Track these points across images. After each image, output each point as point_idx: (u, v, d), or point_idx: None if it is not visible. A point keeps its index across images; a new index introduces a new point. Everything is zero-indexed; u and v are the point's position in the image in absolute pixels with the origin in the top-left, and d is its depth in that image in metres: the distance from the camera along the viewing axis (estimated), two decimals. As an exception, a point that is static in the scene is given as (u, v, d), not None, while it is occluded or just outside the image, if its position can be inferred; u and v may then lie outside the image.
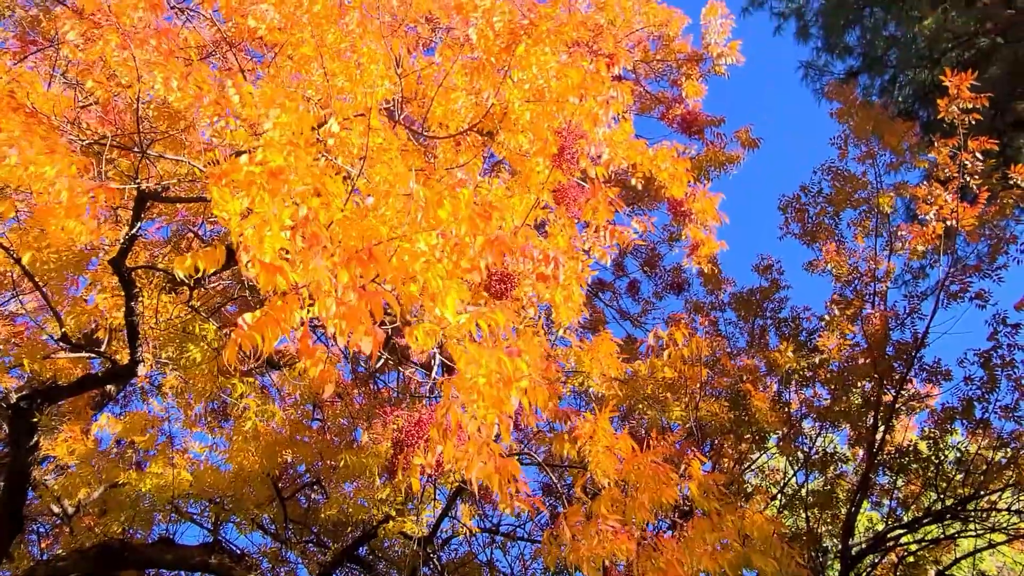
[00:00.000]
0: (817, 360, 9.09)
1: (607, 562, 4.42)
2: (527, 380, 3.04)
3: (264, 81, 4.33)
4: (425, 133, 5.68)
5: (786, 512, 10.61)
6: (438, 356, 3.51)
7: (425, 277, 3.11)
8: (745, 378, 8.27)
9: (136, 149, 4.49)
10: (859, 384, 9.47)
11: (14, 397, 5.79)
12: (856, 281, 9.74)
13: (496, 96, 4.87)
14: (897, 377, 9.23)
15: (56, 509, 7.63)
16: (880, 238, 9.91)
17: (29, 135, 3.30)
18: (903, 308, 9.58)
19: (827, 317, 9.25)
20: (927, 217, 8.14)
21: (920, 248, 8.69)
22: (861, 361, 9.17)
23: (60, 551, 8.04)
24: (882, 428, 9.44)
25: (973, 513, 9.60)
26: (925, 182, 8.51)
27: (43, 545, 9.83)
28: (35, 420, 5.87)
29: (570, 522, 4.60)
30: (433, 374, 3.53)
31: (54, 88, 5.79)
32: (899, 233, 9.27)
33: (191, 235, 9.79)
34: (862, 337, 9.24)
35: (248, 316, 2.42)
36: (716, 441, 8.49)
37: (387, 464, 4.92)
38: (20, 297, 8.94)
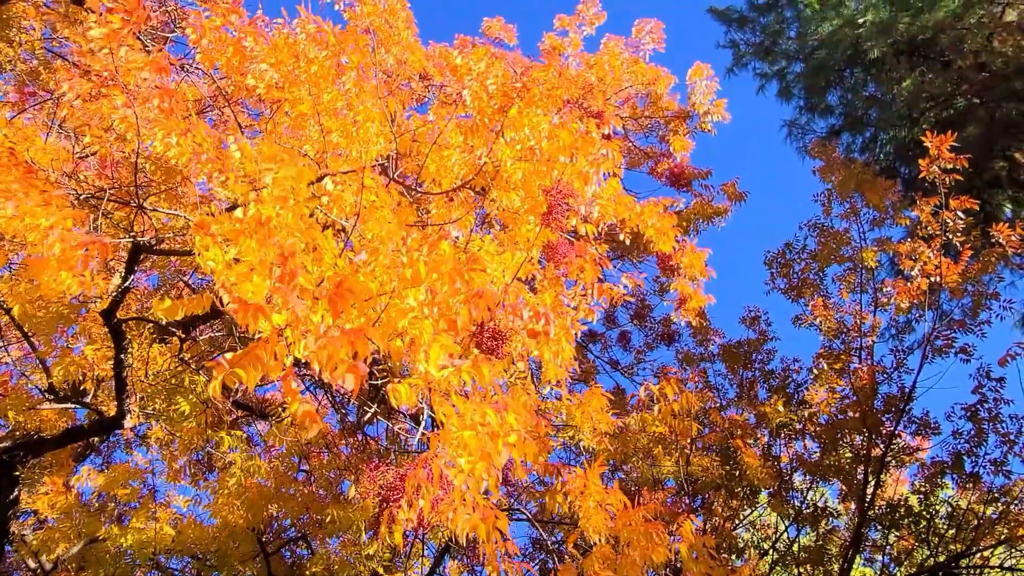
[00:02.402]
0: (807, 414, 9.10)
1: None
2: (515, 435, 3.05)
3: (262, 138, 4.43)
4: (419, 189, 5.79)
5: (779, 568, 10.47)
6: (426, 409, 3.51)
7: (412, 333, 3.15)
8: (735, 433, 8.26)
9: (133, 203, 4.55)
10: (849, 438, 9.48)
11: (-3, 450, 5.72)
12: (843, 335, 9.83)
13: (489, 154, 4.99)
14: (886, 430, 9.25)
15: (33, 564, 7.45)
16: (865, 294, 10.05)
17: (26, 187, 3.36)
18: (890, 362, 9.65)
19: (815, 371, 9.30)
20: (912, 273, 8.28)
21: (905, 304, 8.81)
22: (850, 414, 9.19)
23: (35, 609, 7.81)
24: (872, 482, 9.41)
25: (966, 570, 9.50)
26: (908, 238, 8.69)
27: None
28: (17, 473, 5.79)
29: (562, 582, 4.55)
30: (421, 427, 3.52)
31: (52, 139, 5.89)
32: (884, 288, 9.40)
33: (181, 283, 9.80)
34: (850, 391, 9.28)
35: (229, 355, 2.45)
36: (707, 497, 8.43)
37: (372, 519, 4.85)
38: (6, 346, 8.89)
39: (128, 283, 4.90)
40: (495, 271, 4.82)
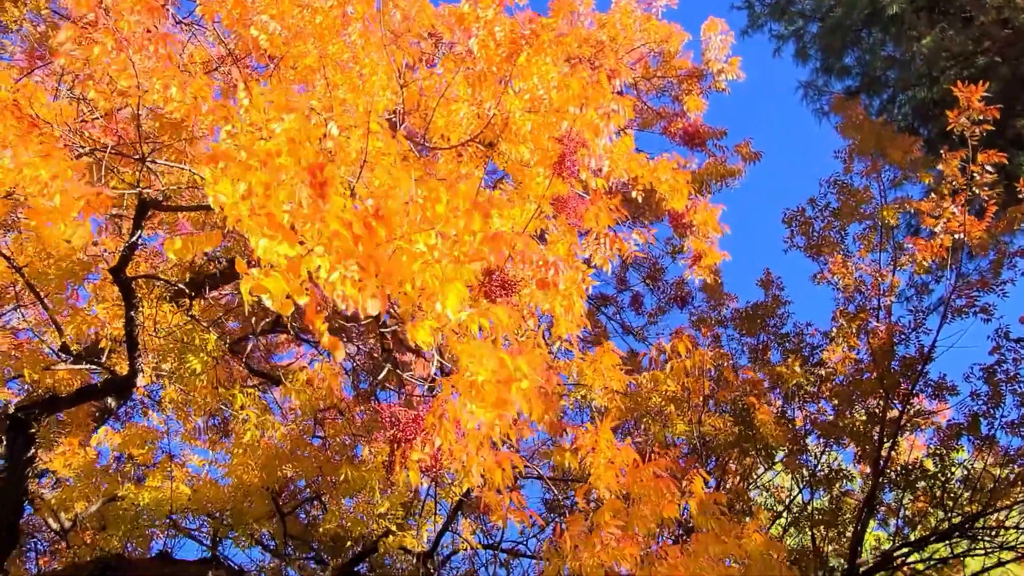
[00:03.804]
0: (823, 373, 9.01)
1: (609, 570, 4.36)
2: (528, 382, 3.00)
3: (270, 87, 4.35)
4: (427, 144, 5.70)
5: (792, 530, 10.47)
6: (436, 358, 3.48)
7: (423, 278, 3.10)
8: (749, 391, 8.20)
9: (136, 156, 4.50)
10: (865, 400, 9.39)
11: (12, 408, 5.76)
12: (861, 295, 9.69)
13: (497, 106, 4.89)
14: (903, 392, 9.16)
15: (53, 523, 7.56)
16: (885, 252, 9.89)
17: (25, 139, 3.31)
18: (908, 322, 9.53)
19: (833, 329, 9.18)
20: (934, 230, 8.12)
21: (926, 261, 8.65)
22: (867, 375, 9.10)
23: (58, 567, 7.96)
24: (888, 444, 9.34)
25: (981, 531, 9.46)
26: (930, 195, 8.51)
27: (41, 562, 9.73)
28: (32, 432, 5.84)
29: (572, 531, 4.55)
30: (433, 368, 3.48)
31: (60, 102, 5.83)
32: (905, 246, 9.24)
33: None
34: (867, 351, 9.18)
35: (255, 270, 2.43)
36: (720, 458, 8.40)
37: (384, 461, 4.86)
38: (22, 310, 8.95)
39: (136, 239, 4.87)
40: (504, 226, 4.75)
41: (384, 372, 7.81)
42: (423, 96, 5.68)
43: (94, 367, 6.26)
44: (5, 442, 6.14)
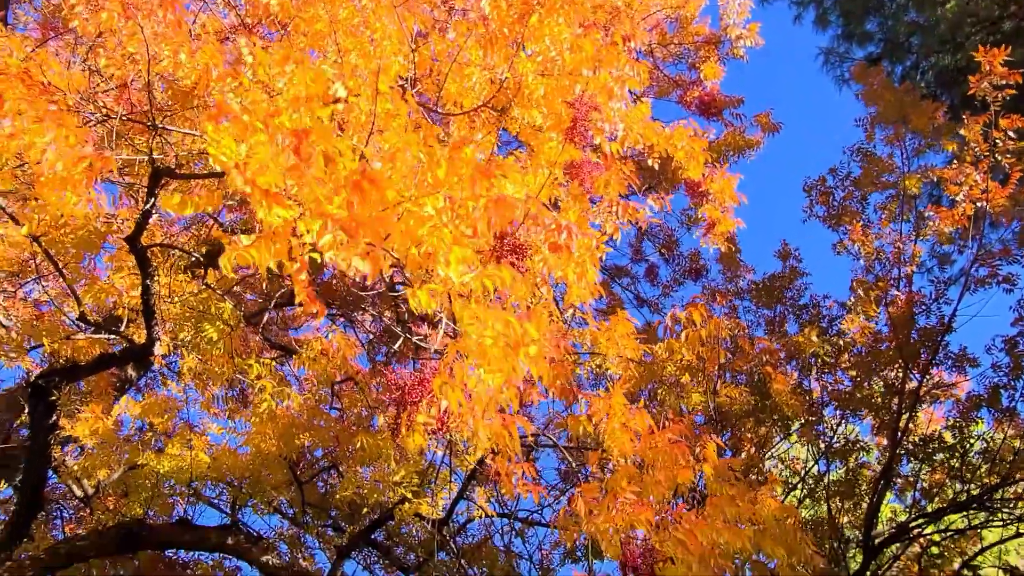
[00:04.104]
0: (841, 343, 8.92)
1: (624, 535, 4.37)
2: (536, 347, 2.98)
3: (276, 43, 4.31)
4: (438, 110, 5.64)
5: (807, 501, 10.47)
6: (445, 322, 3.46)
7: (430, 242, 3.07)
8: (766, 360, 8.14)
9: (147, 123, 4.50)
10: (883, 371, 9.31)
11: (33, 375, 5.86)
12: (881, 265, 9.56)
13: (510, 70, 4.82)
14: (922, 363, 9.06)
15: (76, 490, 7.72)
16: (906, 223, 9.73)
17: (34, 105, 3.29)
18: (929, 293, 9.41)
19: (852, 298, 9.08)
20: (957, 198, 7.97)
21: (948, 230, 8.50)
22: (885, 346, 9.01)
23: (82, 533, 8.13)
24: (906, 416, 9.27)
25: (999, 503, 9.40)
26: (954, 163, 8.34)
27: (67, 529, 9.95)
28: (53, 399, 5.93)
29: (586, 497, 4.56)
30: (440, 335, 3.47)
31: (72, 71, 5.83)
32: (926, 215, 9.08)
33: (211, 221, 9.86)
34: (887, 321, 9.08)
35: (243, 236, 2.41)
36: (735, 428, 8.37)
37: (390, 424, 4.89)
38: (43, 282, 9.06)
39: (150, 207, 4.88)
40: (518, 192, 4.70)
41: (399, 342, 7.85)
42: (436, 62, 5.61)
43: (112, 336, 6.33)
44: (27, 409, 6.26)
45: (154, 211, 5.35)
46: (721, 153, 10.22)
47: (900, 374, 9.18)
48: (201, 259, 6.25)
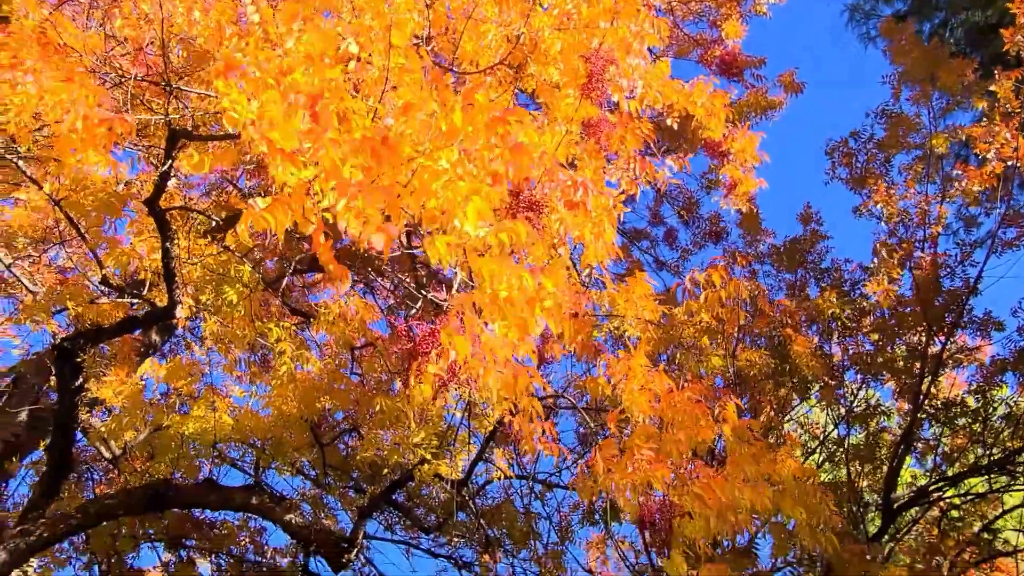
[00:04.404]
0: (864, 306, 8.81)
1: (642, 492, 4.38)
2: (552, 300, 2.97)
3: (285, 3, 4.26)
4: (454, 70, 5.57)
5: (827, 465, 10.46)
6: (459, 275, 3.44)
7: (445, 195, 3.05)
8: (786, 322, 8.07)
9: (163, 84, 4.48)
10: (906, 334, 9.20)
11: (59, 338, 5.96)
12: (905, 227, 9.40)
13: (526, 25, 4.73)
14: (947, 327, 8.95)
15: (104, 451, 7.89)
16: (932, 184, 9.53)
17: (48, 64, 3.29)
18: (954, 256, 9.25)
19: (875, 261, 8.94)
20: (985, 157, 7.78)
21: (976, 189, 8.30)
22: (909, 310, 8.89)
23: (111, 492, 8.34)
24: (929, 380, 9.18)
25: (1021, 467, 9.33)
26: (983, 121, 8.12)
27: (97, 491, 10.21)
28: (79, 361, 6.04)
29: (604, 455, 4.58)
30: (455, 289, 3.46)
31: (89, 33, 5.82)
32: (953, 175, 8.88)
33: (230, 187, 9.90)
34: (911, 284, 8.95)
35: (259, 200, 2.40)
36: (755, 391, 8.33)
37: (400, 373, 4.92)
38: (67, 248, 9.18)
39: (167, 168, 4.89)
40: (534, 152, 4.64)
41: (417, 306, 7.87)
42: (451, 19, 5.52)
43: (135, 300, 6.41)
44: (55, 371, 6.38)
45: (172, 174, 5.37)
46: (743, 114, 10.03)
47: (923, 338, 9.07)
48: (220, 223, 6.28)
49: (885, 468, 9.85)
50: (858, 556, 6.71)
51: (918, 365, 9.10)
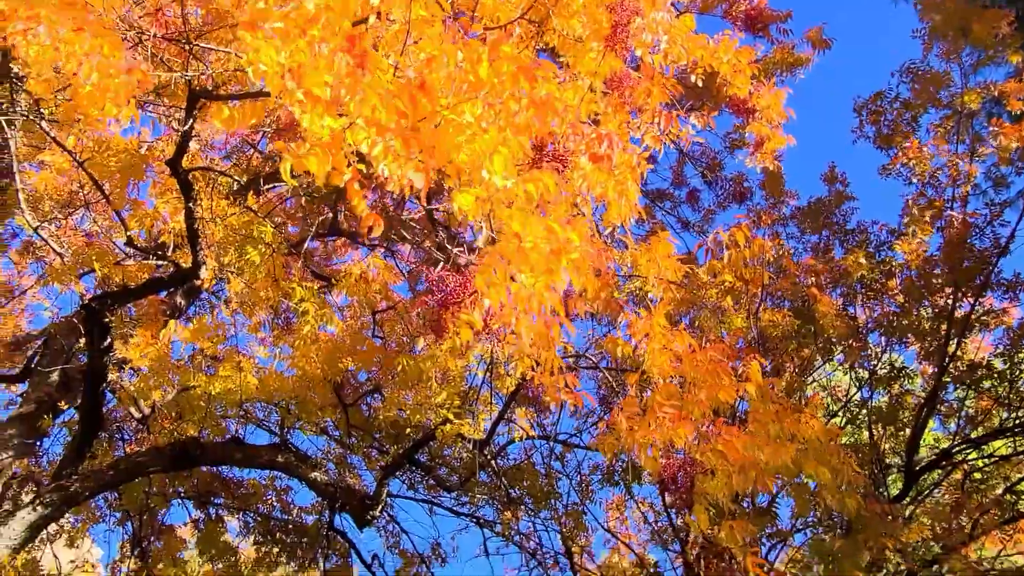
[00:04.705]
0: (891, 267, 8.67)
1: (663, 449, 4.40)
2: (578, 252, 2.95)
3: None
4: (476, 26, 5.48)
5: (848, 428, 10.42)
6: (485, 230, 3.43)
7: (470, 148, 3.02)
8: (811, 281, 7.97)
9: (183, 42, 4.46)
10: (933, 295, 9.08)
11: (87, 298, 6.05)
12: (933, 188, 9.20)
13: (548, -23, 4.63)
14: (975, 288, 8.81)
15: (134, 411, 8.05)
16: (962, 144, 9.30)
17: (62, 15, 3.26)
18: (984, 216, 9.05)
19: (905, 219, 8.78)
20: (1020, 113, 7.57)
21: (1011, 145, 8.08)
22: (938, 269, 8.76)
23: (141, 450, 8.54)
24: (955, 342, 9.08)
25: (1048, 428, 9.25)
26: (1015, 77, 7.88)
27: (127, 449, 10.47)
28: (107, 321, 6.13)
29: (626, 413, 4.59)
30: (483, 241, 3.45)
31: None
32: (986, 129, 8.65)
33: (251, 150, 9.91)
34: (939, 245, 8.79)
35: (297, 145, 2.40)
36: (777, 352, 8.28)
37: (433, 323, 4.94)
38: (91, 212, 9.27)
39: (189, 128, 4.90)
40: (558, 106, 4.57)
41: (439, 267, 7.87)
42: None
43: (160, 261, 6.47)
44: (84, 331, 6.49)
45: (193, 135, 5.38)
46: (768, 71, 9.81)
47: (951, 300, 8.95)
48: (242, 184, 6.30)
49: (908, 431, 9.81)
50: (880, 516, 6.72)
51: (944, 327, 8.99)
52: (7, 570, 6.32)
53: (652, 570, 10.85)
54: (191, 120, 4.88)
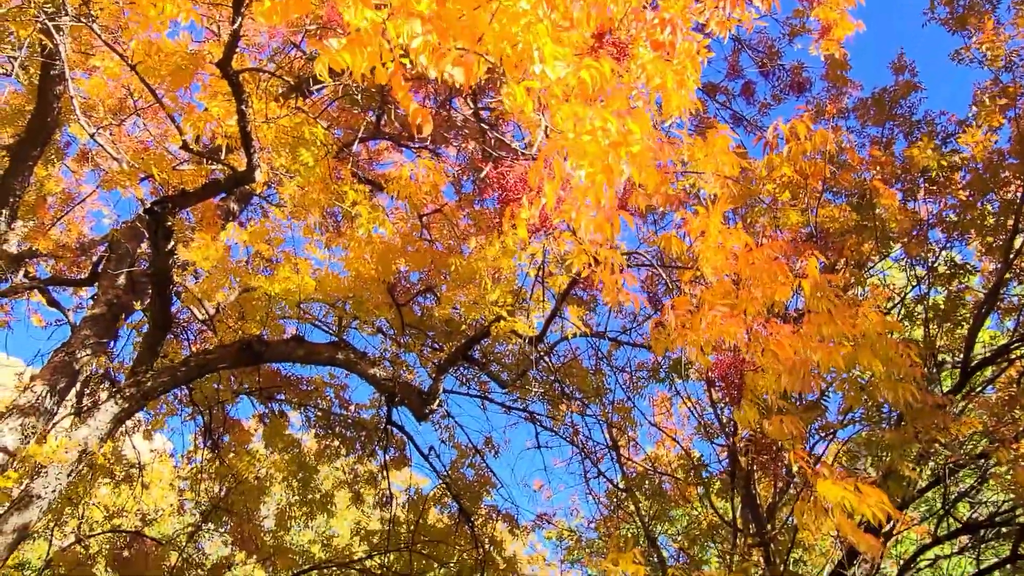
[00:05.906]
0: (956, 160, 8.28)
1: (715, 350, 4.41)
2: (639, 145, 2.88)
3: None
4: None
5: (904, 324, 10.28)
6: (542, 121, 3.36)
7: (525, 38, 2.92)
8: (874, 173, 7.66)
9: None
10: (1000, 189, 8.69)
11: (148, 203, 6.20)
12: (1010, 73, 8.62)
13: None
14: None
15: (198, 312, 8.39)
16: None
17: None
18: (1063, 103, 8.48)
19: (974, 109, 8.30)
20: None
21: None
22: (1009, 160, 8.34)
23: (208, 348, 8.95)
24: (1021, 237, 8.74)
25: (1115, 325, 8.97)
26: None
27: (194, 348, 10.99)
28: (169, 224, 6.30)
29: (678, 311, 4.59)
30: (539, 141, 3.40)
31: None
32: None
33: (295, 50, 9.78)
34: (1011, 136, 8.32)
35: (334, 40, 2.37)
36: (834, 247, 8.08)
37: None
38: (143, 118, 9.35)
39: (237, 27, 4.83)
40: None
41: (485, 171, 7.81)
42: None
43: (215, 165, 6.55)
44: (147, 234, 6.69)
45: (241, 33, 5.30)
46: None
47: (1019, 193, 8.55)
48: (290, 81, 6.24)
49: (964, 328, 9.63)
50: (931, 409, 6.69)
51: (1011, 222, 8.64)
52: (96, 455, 6.83)
53: (697, 462, 11.15)
54: (239, 19, 4.81)
